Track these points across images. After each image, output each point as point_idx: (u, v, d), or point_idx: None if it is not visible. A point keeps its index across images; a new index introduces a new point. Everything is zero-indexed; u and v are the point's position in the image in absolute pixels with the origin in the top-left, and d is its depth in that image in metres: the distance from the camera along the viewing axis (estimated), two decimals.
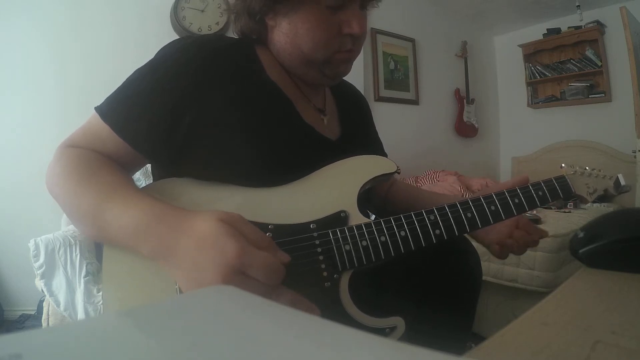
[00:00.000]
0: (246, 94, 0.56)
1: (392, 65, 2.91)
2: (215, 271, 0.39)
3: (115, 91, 0.55)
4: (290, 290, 0.42)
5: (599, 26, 3.00)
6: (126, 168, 0.55)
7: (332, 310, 0.49)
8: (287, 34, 0.58)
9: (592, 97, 3.13)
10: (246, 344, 0.15)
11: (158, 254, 0.43)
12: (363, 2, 0.59)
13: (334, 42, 0.58)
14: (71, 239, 1.34)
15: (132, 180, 0.54)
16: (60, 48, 1.76)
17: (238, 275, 0.39)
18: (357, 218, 0.54)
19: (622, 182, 0.66)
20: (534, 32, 3.44)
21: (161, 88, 0.53)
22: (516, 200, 0.59)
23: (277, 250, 0.43)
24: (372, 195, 0.75)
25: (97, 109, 0.54)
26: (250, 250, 0.39)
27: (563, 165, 0.67)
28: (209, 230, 0.40)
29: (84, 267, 1.32)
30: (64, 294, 1.28)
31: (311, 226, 0.52)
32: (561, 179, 0.63)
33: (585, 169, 0.66)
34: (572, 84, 3.24)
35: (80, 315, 1.27)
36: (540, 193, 0.61)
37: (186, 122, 0.52)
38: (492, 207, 0.58)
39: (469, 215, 0.56)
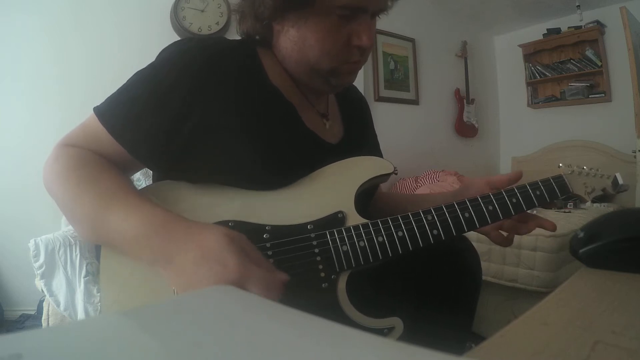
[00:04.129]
0: (248, 98, 0.55)
1: (392, 65, 2.91)
2: (212, 282, 0.39)
3: (114, 93, 0.54)
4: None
5: (599, 26, 3.00)
6: (124, 170, 0.55)
7: (330, 311, 0.49)
8: (294, 41, 0.56)
9: (592, 97, 3.13)
10: (249, 343, 0.15)
11: (158, 261, 0.44)
12: (374, 12, 0.57)
13: (341, 54, 0.56)
14: (71, 239, 1.34)
15: (132, 183, 0.54)
16: (62, 49, 1.76)
17: None
18: (354, 219, 0.54)
19: (620, 181, 0.66)
20: (534, 32, 3.43)
21: (162, 92, 0.52)
22: (514, 200, 0.59)
23: (275, 271, 0.44)
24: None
25: (96, 110, 0.54)
26: (251, 266, 0.40)
27: (561, 165, 0.67)
28: (215, 243, 0.41)
29: (84, 267, 1.32)
30: (64, 294, 1.28)
31: (308, 227, 0.52)
32: (559, 179, 0.63)
33: (583, 168, 0.66)
34: (572, 84, 3.24)
35: (80, 315, 1.27)
36: (537, 193, 0.61)
37: (188, 126, 0.51)
38: (490, 207, 0.58)
39: (467, 215, 0.56)
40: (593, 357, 0.32)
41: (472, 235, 0.67)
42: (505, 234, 0.69)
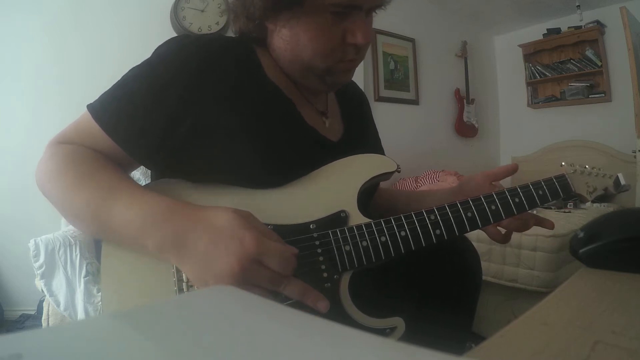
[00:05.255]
0: (248, 96, 0.54)
1: (392, 65, 2.91)
2: (232, 259, 0.40)
3: (109, 89, 0.53)
4: (301, 281, 0.43)
5: (599, 26, 3.00)
6: (121, 167, 0.54)
7: (332, 311, 0.49)
8: (287, 41, 0.56)
9: (592, 97, 3.13)
10: (249, 343, 0.15)
11: (166, 247, 0.43)
12: (369, 8, 0.55)
13: (336, 52, 0.55)
14: (71, 239, 1.33)
15: (132, 177, 0.54)
16: (62, 49, 1.76)
17: (254, 264, 0.40)
18: (357, 218, 0.54)
19: (622, 182, 0.65)
20: (534, 32, 3.43)
21: (158, 89, 0.51)
22: (516, 200, 0.59)
23: (287, 244, 0.44)
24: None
25: (90, 107, 0.52)
26: (266, 241, 0.41)
27: (563, 163, 0.66)
28: (227, 222, 0.42)
29: (84, 267, 1.32)
30: (64, 294, 1.28)
31: (311, 226, 0.52)
32: (561, 178, 0.63)
33: (585, 167, 0.66)
34: (572, 84, 3.24)
35: (80, 315, 1.27)
36: (540, 192, 0.61)
37: (185, 124, 0.51)
38: (493, 207, 0.58)
39: (470, 214, 0.56)
40: (593, 357, 0.31)
41: (472, 235, 0.67)
42: (503, 231, 0.69)
